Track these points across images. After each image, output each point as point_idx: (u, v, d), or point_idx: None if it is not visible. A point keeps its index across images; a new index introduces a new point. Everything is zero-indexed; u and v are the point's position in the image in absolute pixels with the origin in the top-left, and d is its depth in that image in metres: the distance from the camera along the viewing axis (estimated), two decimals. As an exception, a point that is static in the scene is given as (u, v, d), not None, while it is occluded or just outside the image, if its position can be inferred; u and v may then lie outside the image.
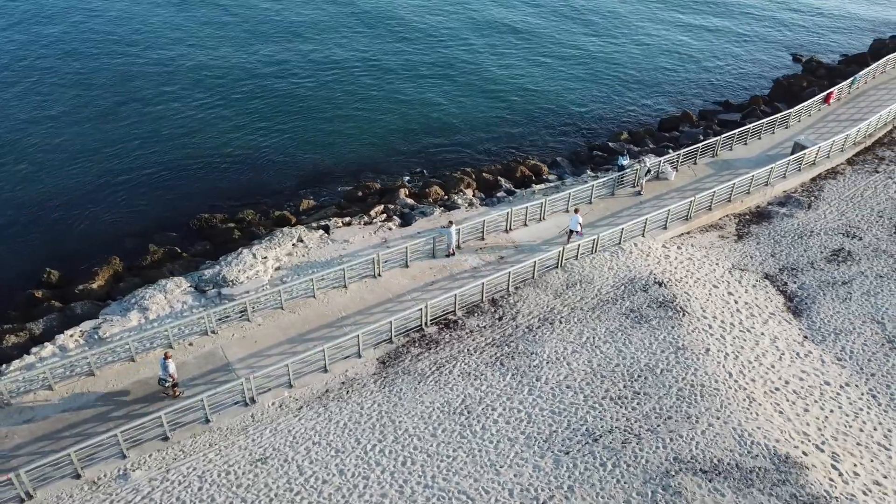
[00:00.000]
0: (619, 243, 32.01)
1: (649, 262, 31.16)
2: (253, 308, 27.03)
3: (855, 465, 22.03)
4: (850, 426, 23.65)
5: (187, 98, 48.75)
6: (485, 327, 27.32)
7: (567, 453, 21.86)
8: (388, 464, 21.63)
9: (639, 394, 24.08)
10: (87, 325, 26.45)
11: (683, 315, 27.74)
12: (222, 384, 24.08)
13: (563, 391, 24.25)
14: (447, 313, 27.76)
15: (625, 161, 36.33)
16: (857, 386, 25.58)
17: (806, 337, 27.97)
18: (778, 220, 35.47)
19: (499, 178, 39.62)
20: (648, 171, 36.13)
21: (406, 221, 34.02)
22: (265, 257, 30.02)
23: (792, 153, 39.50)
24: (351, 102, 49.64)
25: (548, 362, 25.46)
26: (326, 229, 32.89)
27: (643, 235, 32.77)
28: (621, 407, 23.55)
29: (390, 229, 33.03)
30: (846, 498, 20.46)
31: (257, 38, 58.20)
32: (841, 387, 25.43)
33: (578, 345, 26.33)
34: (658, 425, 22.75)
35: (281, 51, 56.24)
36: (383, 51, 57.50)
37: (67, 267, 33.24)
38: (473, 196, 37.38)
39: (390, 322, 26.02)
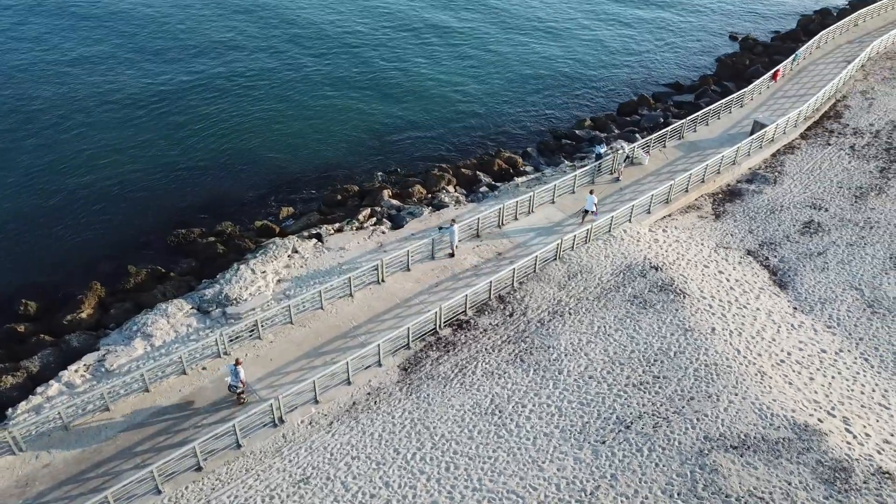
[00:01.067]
0: (610, 231, 32.86)
1: (641, 247, 32.16)
2: (262, 325, 26.44)
3: (864, 426, 23.60)
4: (852, 390, 25.28)
5: (140, 110, 46.70)
6: (497, 325, 27.64)
7: (603, 442, 22.51)
8: (431, 471, 21.74)
9: (658, 378, 24.98)
10: (90, 359, 25.28)
11: (684, 297, 28.83)
12: (246, 407, 23.59)
13: (587, 382, 24.89)
14: (458, 314, 27.92)
15: (602, 149, 37.19)
16: (849, 351, 27.29)
17: (795, 308, 29.58)
18: (749, 197, 37.16)
19: (477, 172, 39.85)
20: (627, 157, 37.14)
21: (396, 224, 33.86)
22: (264, 271, 29.36)
23: (752, 131, 41.37)
24: (306, 106, 48.59)
25: (566, 354, 26.04)
26: (319, 237, 32.39)
27: (630, 221, 33.74)
28: (645, 392, 24.38)
29: (383, 233, 32.82)
30: (865, 459, 21.93)
31: (204, 49, 56.19)
32: (836, 353, 27.08)
33: (591, 334, 27.02)
34: (683, 407, 23.70)
35: (229, 60, 54.52)
36: (335, 55, 56.61)
37: (42, 296, 31.60)
38: (456, 192, 37.50)
39: (408, 328, 25.98)
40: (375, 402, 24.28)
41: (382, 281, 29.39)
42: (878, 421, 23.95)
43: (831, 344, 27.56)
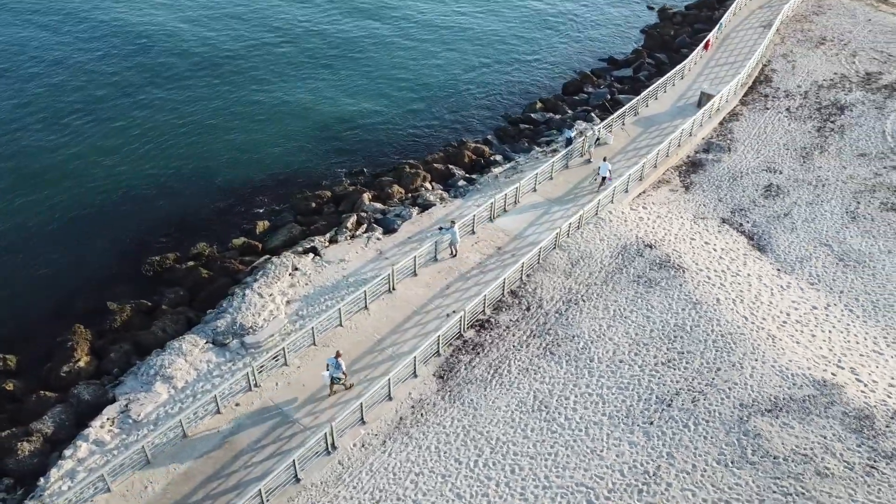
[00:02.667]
0: (597, 213, 33.89)
1: (630, 227, 33.41)
2: (287, 350, 25.70)
3: (869, 374, 25.88)
4: (849, 342, 27.57)
5: (65, 127, 43.50)
6: (518, 321, 28.11)
7: (651, 423, 23.57)
8: (498, 476, 22.08)
9: (683, 353, 26.29)
10: (112, 411, 23.77)
11: (684, 272, 30.31)
12: (291, 438, 23.05)
13: (619, 366, 25.86)
14: (478, 314, 28.15)
15: (572, 133, 38.10)
16: (835, 305, 29.67)
17: (779, 269, 31.73)
18: (710, 167, 39.22)
19: (449, 166, 39.86)
20: (598, 139, 38.23)
21: (388, 228, 33.47)
22: (271, 294, 28.42)
23: (699, 102, 43.53)
24: (248, 111, 46.80)
25: (592, 342, 26.90)
26: (315, 251, 31.58)
27: (612, 202, 34.89)
28: (675, 369, 25.63)
29: (379, 239, 32.41)
30: (881, 404, 24.13)
31: (126, 53, 52.69)
32: (825, 308, 29.38)
33: (609, 319, 27.99)
34: (713, 378, 25.13)
35: (160, 65, 51.46)
36: (275, 54, 54.60)
37: (19, 347, 29.30)
38: (436, 189, 37.43)
39: (438, 336, 25.99)
40: (422, 415, 24.26)
41: (393, 289, 29.13)
42: (878, 367, 26.30)
43: (818, 300, 29.84)
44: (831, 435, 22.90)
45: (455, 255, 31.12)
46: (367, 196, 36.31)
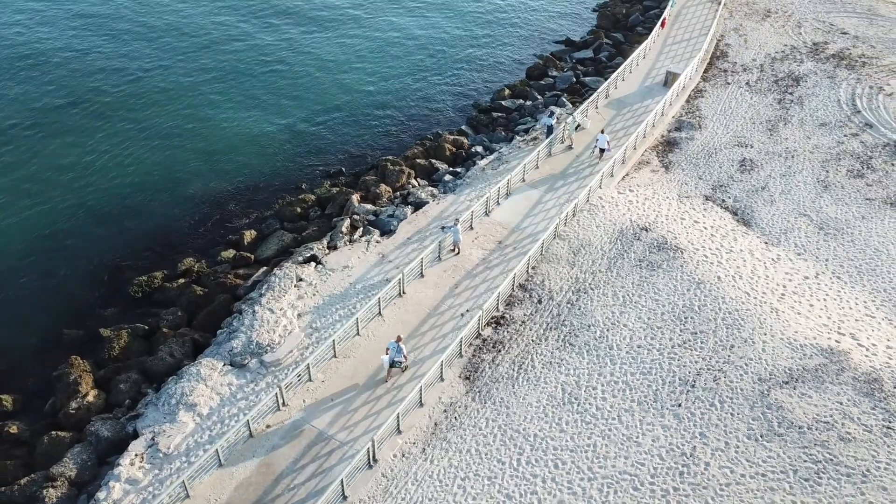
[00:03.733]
0: (588, 200, 34.40)
1: (622, 211, 34.09)
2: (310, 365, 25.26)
3: (868, 338, 27.38)
4: (843, 308, 29.05)
5: (28, 143, 41.06)
6: (532, 314, 28.40)
7: (679, 405, 24.36)
8: (543, 472, 22.43)
9: (696, 333, 27.18)
10: (139, 446, 22.87)
11: (682, 253, 31.21)
12: (330, 455, 22.78)
13: (638, 351, 26.53)
14: (491, 312, 28.30)
15: (552, 121, 38.40)
16: (824, 273, 31.16)
17: (766, 242, 33.03)
18: (685, 145, 40.29)
19: (431, 160, 39.62)
20: (578, 125, 38.67)
21: (384, 229, 33.11)
22: (281, 308, 27.78)
23: (665, 81, 44.55)
24: (212, 117, 45.19)
25: (608, 330, 27.47)
26: (315, 260, 30.97)
27: (601, 187, 35.48)
28: (691, 350, 26.49)
29: (378, 242, 32.04)
30: (885, 367, 25.62)
31: (78, 64, 49.90)
32: (816, 277, 30.82)
33: (620, 305, 28.62)
34: (729, 356, 26.10)
35: (115, 73, 48.98)
36: (223, 53, 52.73)
37: (13, 385, 27.88)
38: (424, 185, 37.19)
39: (460, 338, 26.02)
40: (456, 418, 24.33)
41: (403, 293, 28.93)
42: (873, 331, 27.85)
43: (808, 270, 31.27)
44: (846, 400, 24.20)
45: (458, 253, 31.08)
46: (355, 198, 35.76)
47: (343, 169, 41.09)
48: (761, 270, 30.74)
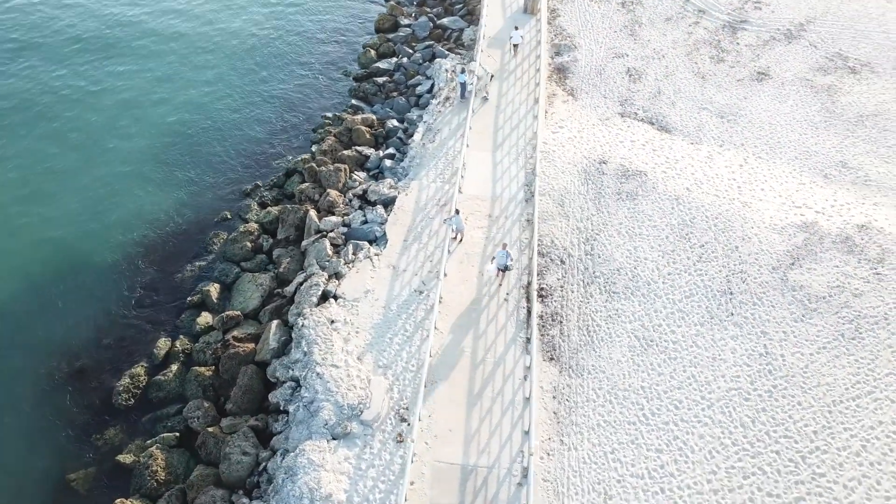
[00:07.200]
0: (535, 150, 35.40)
1: (572, 149, 35.67)
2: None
3: (815, 203, 32.60)
4: (783, 184, 33.96)
5: None
6: (564, 276, 29.51)
7: (732, 314, 27.61)
8: (670, 416, 24.49)
9: (703, 246, 30.38)
10: (304, 565, 20.82)
11: (646, 175, 33.89)
12: (486, 484, 22.78)
13: (671, 278, 29.13)
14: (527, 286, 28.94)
15: (465, 77, 38.06)
16: (749, 158, 35.88)
17: (692, 143, 36.93)
18: (574, 68, 42.39)
19: (355, 148, 37.48)
20: (493, 75, 38.76)
21: (369, 239, 31.37)
22: (343, 360, 25.80)
23: (525, 8, 45.79)
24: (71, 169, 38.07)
25: (636, 268, 29.58)
26: (328, 296, 28.73)
27: (536, 131, 36.58)
28: (708, 262, 29.68)
29: (377, 254, 30.41)
30: (846, 224, 30.97)
31: None
32: (747, 162, 35.41)
33: (629, 242, 30.77)
34: (739, 257, 29.74)
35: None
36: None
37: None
38: (361, 178, 35.38)
39: (534, 325, 26.48)
40: (568, 400, 25.26)
41: (441, 300, 28.30)
42: (814, 196, 33.17)
43: (737, 158, 35.79)
44: (839, 262, 29.20)
45: (461, 241, 30.75)
46: (313, 213, 33.07)
47: (259, 183, 37.36)
48: (707, 171, 34.58)
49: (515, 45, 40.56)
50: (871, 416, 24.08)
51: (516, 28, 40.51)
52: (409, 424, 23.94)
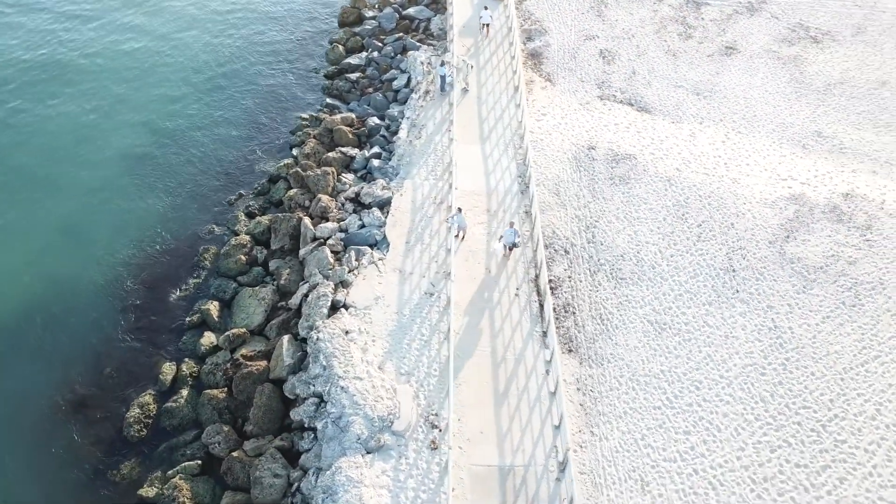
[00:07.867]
0: (523, 140, 35.40)
1: (559, 137, 35.78)
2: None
3: (799, 174, 33.58)
4: (766, 157, 34.85)
5: None
6: (570, 266, 29.72)
7: (738, 291, 28.34)
8: (692, 398, 25.07)
9: (701, 225, 31.01)
10: (358, 584, 20.64)
11: (635, 158, 34.29)
12: (525, 482, 22.97)
13: (674, 260, 29.66)
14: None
15: (445, 70, 37.64)
16: (729, 133, 36.66)
17: (673, 122, 37.49)
18: (548, 53, 42.40)
19: (338, 149, 36.73)
20: (472, 66, 38.41)
21: (370, 244, 30.89)
22: (365, 371, 25.46)
23: (492, -6, 45.43)
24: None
25: (639, 254, 30.00)
26: (337, 307, 28.23)
27: (521, 121, 36.54)
28: (707, 241, 30.32)
29: (381, 259, 30.00)
30: (831, 194, 32.04)
31: None
32: (728, 138, 36.18)
33: (629, 227, 31.15)
34: (736, 233, 30.47)
35: None
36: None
37: None
38: (352, 182, 34.78)
39: (549, 320, 26.64)
40: (592, 390, 25.58)
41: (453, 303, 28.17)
42: (796, 167, 34.18)
43: (718, 134, 36.54)
44: (830, 231, 30.26)
45: (464, 238, 30.60)
46: (307, 221, 32.34)
47: (242, 192, 36.32)
48: (693, 150, 35.21)
49: (486, 25, 41.04)
50: (880, 380, 25.17)
51: (486, 8, 41.44)
52: (440, 430, 23.85)
